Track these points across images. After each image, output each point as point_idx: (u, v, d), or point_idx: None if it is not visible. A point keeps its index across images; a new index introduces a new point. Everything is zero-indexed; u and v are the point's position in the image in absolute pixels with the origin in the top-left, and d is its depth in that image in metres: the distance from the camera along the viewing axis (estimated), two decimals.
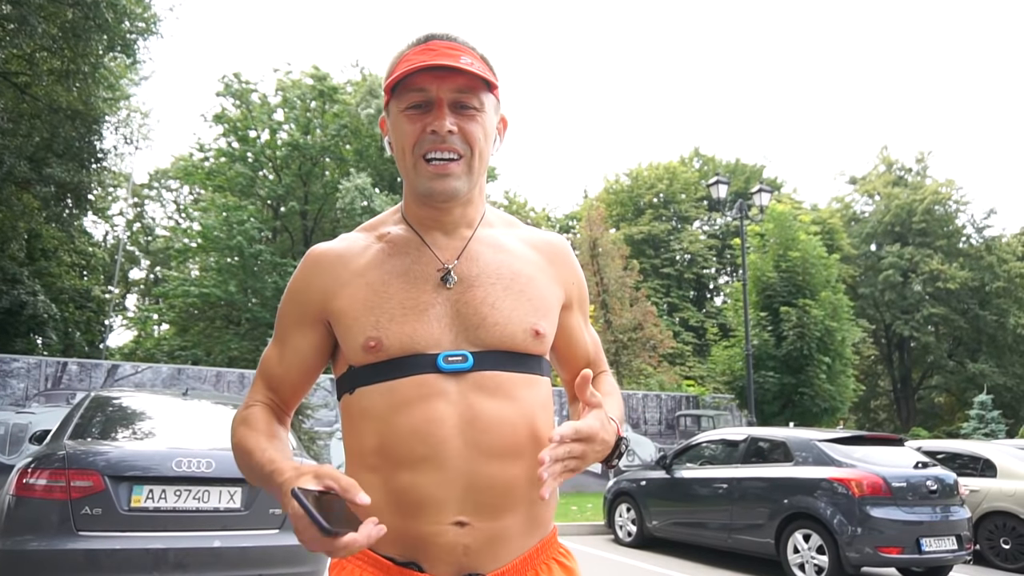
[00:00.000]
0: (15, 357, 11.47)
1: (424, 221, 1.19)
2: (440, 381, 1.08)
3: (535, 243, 1.26)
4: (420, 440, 1.06)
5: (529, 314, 1.15)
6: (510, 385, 1.11)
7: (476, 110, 1.13)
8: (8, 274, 20.34)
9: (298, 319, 1.20)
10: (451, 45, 1.12)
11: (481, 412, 1.08)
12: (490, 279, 1.15)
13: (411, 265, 1.15)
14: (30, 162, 15.67)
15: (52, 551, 3.58)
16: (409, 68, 1.08)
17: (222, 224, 23.37)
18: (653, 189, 34.33)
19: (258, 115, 26.21)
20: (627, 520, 8.76)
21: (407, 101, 1.12)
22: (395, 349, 1.09)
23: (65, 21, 14.13)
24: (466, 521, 1.06)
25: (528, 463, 1.08)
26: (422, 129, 1.11)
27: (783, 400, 14.41)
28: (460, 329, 1.11)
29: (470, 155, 1.13)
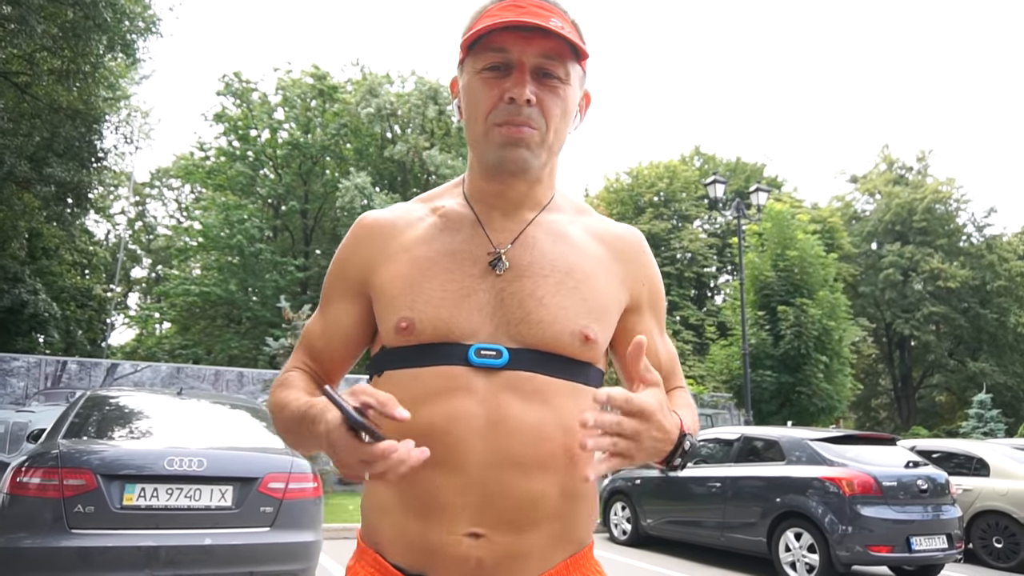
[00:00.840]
0: (15, 356, 11.54)
1: (485, 197, 1.09)
2: (469, 375, 0.98)
3: (604, 235, 1.13)
4: (438, 438, 0.95)
5: (581, 315, 1.03)
6: (548, 390, 0.99)
7: (560, 81, 1.02)
8: (9, 273, 20.41)
9: (341, 290, 1.13)
10: (541, 3, 1.01)
11: (510, 415, 0.97)
12: (543, 270, 1.04)
13: (461, 244, 1.06)
14: (31, 162, 15.73)
15: (45, 549, 3.63)
16: (492, 24, 0.97)
17: (223, 223, 23.46)
18: (653, 188, 34.34)
19: (258, 114, 26.29)
20: (622, 519, 8.80)
21: (485, 61, 1.01)
22: (427, 334, 1.00)
23: (65, 21, 14.19)
24: (481, 533, 0.96)
25: (558, 478, 0.98)
26: (499, 96, 1.00)
27: (781, 399, 14.44)
28: (501, 321, 1.01)
29: (545, 130, 1.02)
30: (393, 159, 24.61)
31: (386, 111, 24.48)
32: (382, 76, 27.21)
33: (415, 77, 25.76)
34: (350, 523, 8.73)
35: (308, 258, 26.69)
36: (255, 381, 12.54)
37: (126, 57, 17.02)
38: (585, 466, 0.94)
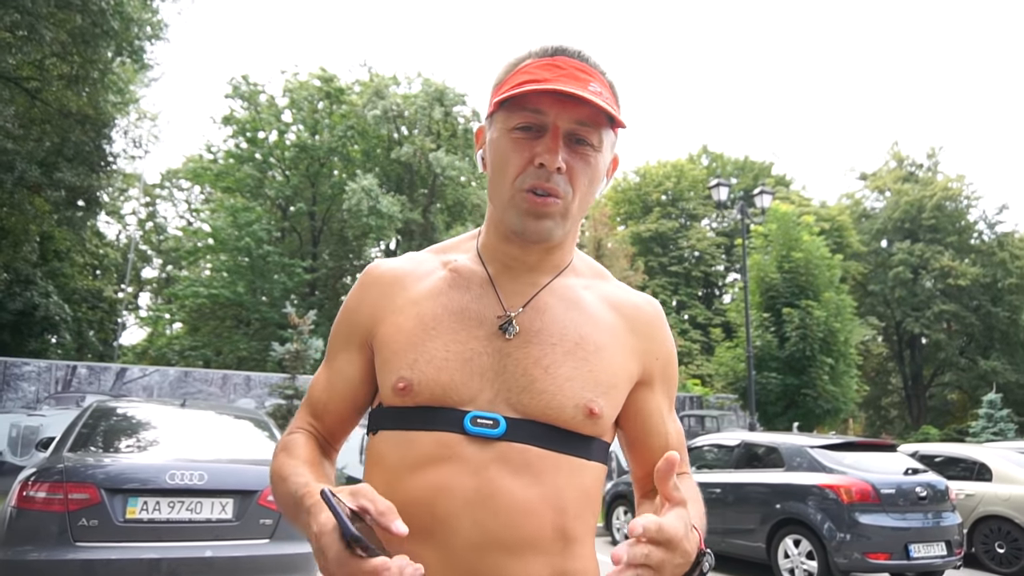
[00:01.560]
0: (26, 361, 11.71)
1: (500, 257, 1.06)
2: (463, 445, 0.94)
3: (620, 305, 1.09)
4: (426, 509, 0.92)
5: (587, 387, 0.99)
6: (543, 465, 0.95)
7: (593, 148, 0.99)
8: (21, 276, 20.67)
9: (346, 340, 1.09)
10: (582, 67, 0.98)
11: (500, 491, 0.93)
12: (552, 338, 1.00)
13: (469, 304, 1.02)
14: (41, 167, 15.91)
15: (50, 561, 3.73)
16: (532, 88, 0.93)
17: (231, 225, 23.63)
18: (661, 187, 34.31)
19: (266, 116, 26.44)
20: (624, 523, 8.85)
21: (518, 120, 0.97)
22: (424, 397, 0.97)
23: (74, 27, 14.34)
24: None
25: (547, 559, 0.94)
26: (529, 159, 0.97)
27: (786, 401, 14.44)
28: (502, 388, 0.97)
29: (571, 198, 0.99)
30: (400, 160, 24.69)
31: (392, 113, 24.58)
32: (388, 78, 27.31)
33: (421, 79, 25.85)
34: None
35: (316, 259, 26.84)
36: (262, 385, 12.66)
37: (134, 63, 17.19)
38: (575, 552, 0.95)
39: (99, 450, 4.43)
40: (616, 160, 1.10)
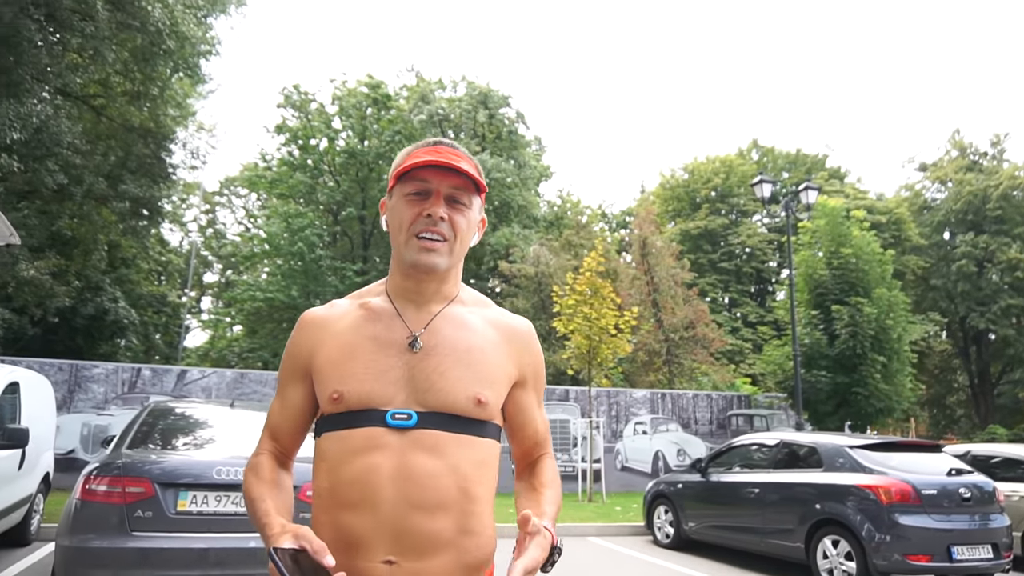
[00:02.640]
0: (95, 364, 12.42)
1: (403, 292, 1.36)
2: (385, 435, 1.22)
3: (498, 324, 1.40)
4: (359, 486, 1.21)
5: (474, 384, 1.28)
6: (446, 444, 1.23)
7: (464, 206, 1.32)
8: (92, 283, 21.79)
9: (291, 374, 1.39)
10: (454, 151, 1.33)
11: (415, 467, 1.21)
12: (444, 351, 1.29)
13: (382, 332, 1.31)
14: (107, 179, 16.79)
15: (110, 549, 4.05)
16: (420, 162, 1.28)
17: (284, 230, 24.37)
18: (709, 183, 33.82)
19: (317, 124, 27.17)
20: (665, 522, 8.89)
21: (412, 188, 1.30)
22: (353, 402, 1.25)
23: (135, 47, 15.12)
24: (394, 560, 1.19)
25: (454, 515, 1.22)
26: (419, 213, 1.28)
27: (837, 400, 14.15)
28: (411, 391, 1.26)
29: (453, 240, 1.31)
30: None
31: (438, 117, 24.95)
32: (434, 82, 27.72)
33: (465, 82, 26.14)
34: None
35: (366, 262, 27.44)
36: None
37: (190, 78, 17.96)
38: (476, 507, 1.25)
39: (154, 447, 4.77)
40: (484, 220, 1.44)
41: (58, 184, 14.94)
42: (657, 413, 15.17)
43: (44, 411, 7.35)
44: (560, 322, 13.03)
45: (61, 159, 15.00)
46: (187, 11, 14.34)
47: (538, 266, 19.80)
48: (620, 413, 15.01)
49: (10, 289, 16.39)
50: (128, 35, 14.60)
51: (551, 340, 17.43)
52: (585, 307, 12.68)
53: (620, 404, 15.08)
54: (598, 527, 9.71)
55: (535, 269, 19.79)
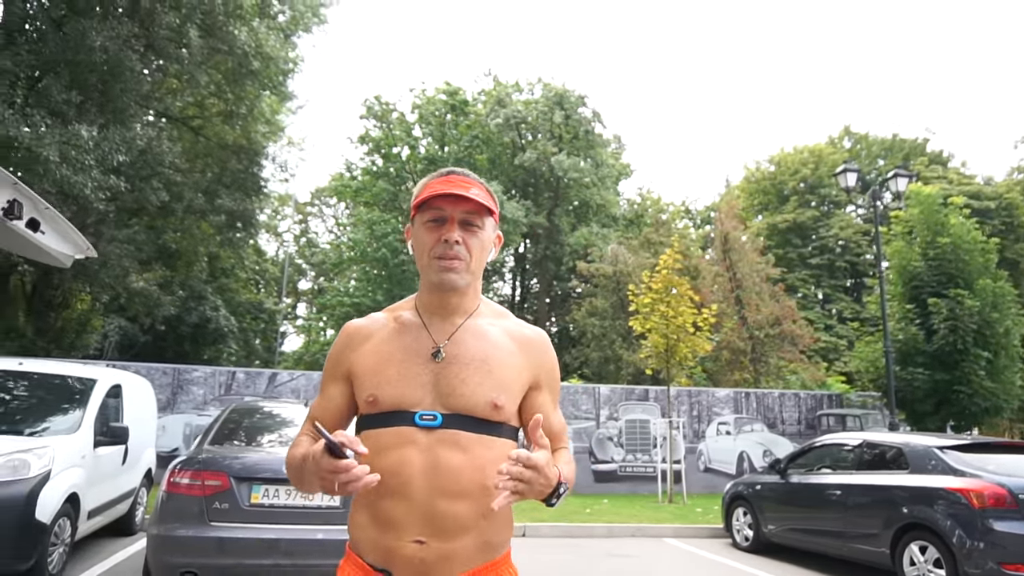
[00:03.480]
0: (195, 367, 13.29)
1: (429, 307, 1.54)
2: (415, 433, 1.41)
3: (515, 334, 1.57)
4: (394, 476, 1.38)
5: (492, 390, 1.44)
6: (468, 442, 1.41)
7: (478, 228, 1.49)
8: (195, 292, 23.28)
9: (333, 376, 1.57)
10: (465, 179, 1.50)
11: (441, 460, 1.39)
12: (465, 360, 1.47)
13: (411, 343, 1.50)
14: (205, 194, 17.90)
15: (192, 537, 4.37)
16: (434, 193, 1.47)
17: (368, 237, 25.20)
18: (797, 175, 32.47)
19: (398, 134, 27.96)
20: (743, 524, 8.65)
21: (429, 216, 1.49)
22: (386, 405, 1.44)
23: (226, 69, 16.08)
24: (424, 540, 1.37)
25: (475, 503, 1.39)
26: (437, 238, 1.47)
27: (936, 399, 13.29)
28: (437, 395, 1.44)
29: (469, 260, 1.49)
30: (524, 166, 25.20)
31: (514, 120, 25.14)
32: (511, 85, 27.96)
33: (541, 84, 26.24)
34: None
35: None
36: None
37: (277, 96, 18.90)
38: (493, 499, 1.33)
39: (232, 443, 5.10)
40: (500, 237, 1.62)
41: (161, 201, 16.06)
42: (741, 413, 14.75)
43: (145, 411, 7.94)
44: (636, 321, 12.89)
45: (164, 178, 16.12)
46: (270, 32, 15.10)
47: (616, 265, 19.62)
48: (702, 413, 14.68)
49: (122, 300, 17.75)
50: (220, 58, 15.55)
51: (630, 339, 17.25)
52: (662, 305, 12.50)
53: (702, 404, 14.76)
54: (675, 528, 9.55)
55: (613, 268, 19.63)
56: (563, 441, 1.63)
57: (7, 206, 2.37)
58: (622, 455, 14.02)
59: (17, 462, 5.13)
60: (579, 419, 14.07)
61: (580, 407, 14.19)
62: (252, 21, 14.46)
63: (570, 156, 24.39)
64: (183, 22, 13.15)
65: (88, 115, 12.04)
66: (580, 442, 13.88)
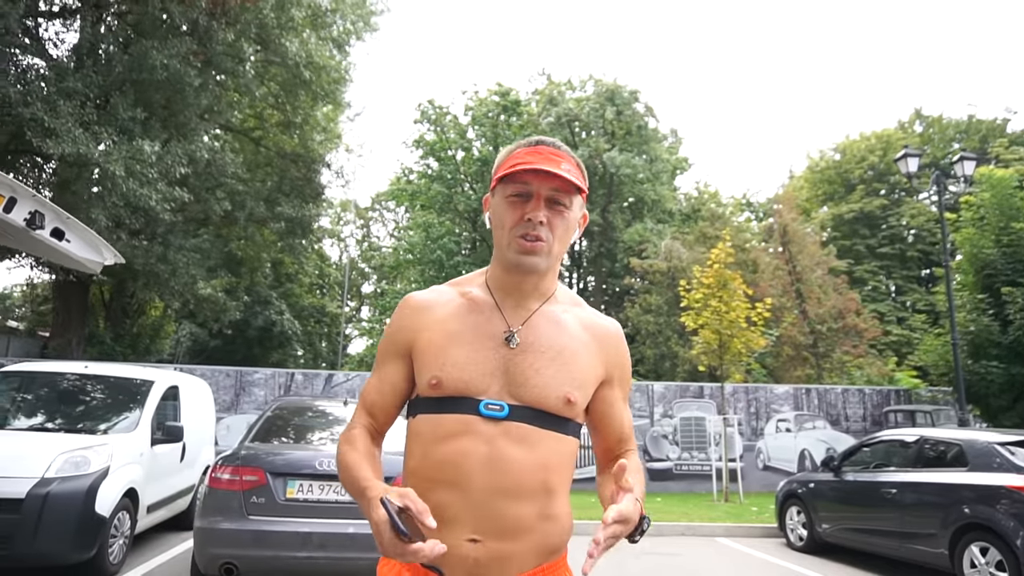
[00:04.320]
0: (255, 369, 13.79)
1: (504, 286, 1.41)
2: (478, 423, 1.29)
3: (590, 325, 1.45)
4: (452, 467, 1.28)
5: (565, 383, 1.34)
6: (535, 438, 1.30)
7: (565, 207, 1.36)
8: (261, 297, 24.18)
9: (392, 353, 1.43)
10: (555, 152, 1.35)
11: (504, 455, 1.28)
12: (541, 348, 1.35)
13: (483, 323, 1.37)
14: (265, 203, 18.57)
15: (232, 530, 4.56)
16: (521, 167, 1.32)
17: (424, 240, 25.59)
18: (864, 162, 31.19)
19: (453, 137, 28.28)
20: (797, 523, 8.40)
21: (513, 190, 1.35)
22: (450, 389, 1.32)
23: (283, 80, 16.66)
24: (479, 539, 1.26)
25: (536, 503, 1.30)
26: (521, 215, 1.33)
27: (1014, 393, 12.56)
28: (506, 384, 1.32)
29: (552, 241, 1.35)
30: None
31: (566, 118, 25.07)
32: (563, 83, 27.89)
33: (592, 81, 26.07)
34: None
35: None
36: None
37: (332, 105, 19.42)
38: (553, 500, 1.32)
39: (273, 441, 5.29)
40: (585, 216, 1.47)
41: (224, 210, 16.76)
42: (801, 409, 14.31)
43: (202, 411, 8.30)
44: (688, 317, 12.68)
45: (227, 188, 16.81)
46: (321, 43, 15.53)
47: (670, 261, 19.32)
48: (760, 410, 14.31)
49: (191, 306, 18.57)
50: (276, 70, 16.13)
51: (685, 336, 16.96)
52: (714, 300, 12.25)
53: (760, 400, 14.39)
54: (727, 527, 9.35)
55: (667, 264, 19.34)
56: (631, 443, 1.52)
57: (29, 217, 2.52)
58: (677, 453, 13.82)
59: (79, 459, 5.48)
60: (633, 417, 13.94)
61: (633, 404, 14.05)
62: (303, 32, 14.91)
63: (623, 152, 24.16)
64: (238, 37, 13.67)
65: (153, 131, 12.67)
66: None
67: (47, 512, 5.07)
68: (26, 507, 5.02)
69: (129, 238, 13.32)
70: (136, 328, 20.68)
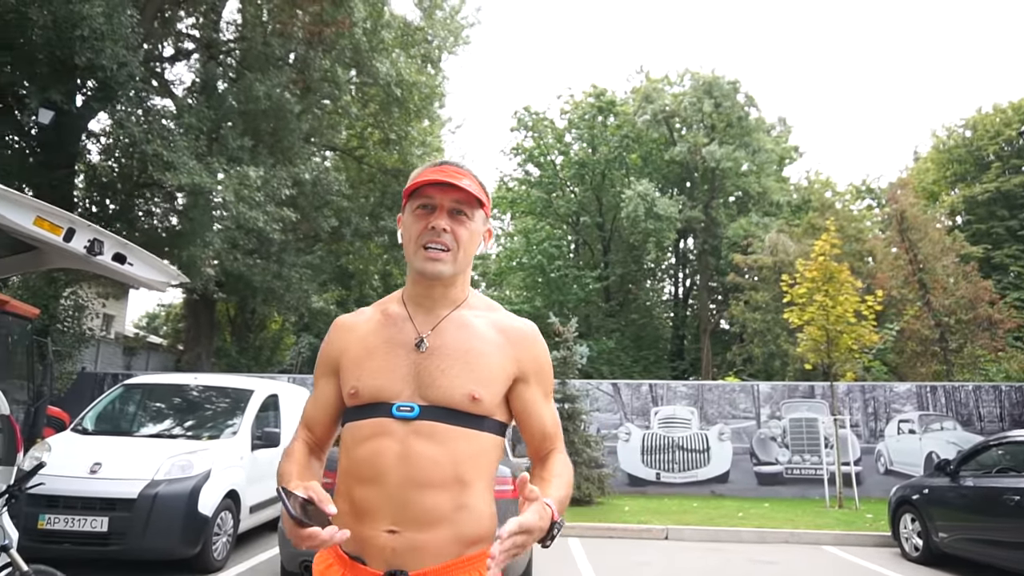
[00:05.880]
0: None
1: (415, 298, 1.53)
2: (391, 424, 1.40)
3: (504, 327, 1.53)
4: (368, 465, 1.39)
5: (469, 382, 1.42)
6: (444, 434, 1.39)
7: (467, 218, 1.47)
8: None
9: (323, 372, 1.57)
10: (458, 169, 1.48)
11: (414, 451, 1.38)
12: (448, 351, 1.45)
13: (396, 334, 1.49)
14: (370, 217, 19.43)
15: None
16: (425, 181, 1.46)
17: (525, 246, 25.84)
18: (999, 137, 28.44)
19: (551, 142, 28.45)
20: (912, 532, 7.79)
21: (419, 203, 1.47)
22: (367, 397, 1.44)
23: (380, 100, 17.41)
24: (396, 530, 1.36)
25: (449, 494, 1.38)
26: (425, 225, 1.45)
27: None
28: (416, 387, 1.43)
29: (456, 249, 1.46)
30: (676, 160, 24.54)
31: (662, 115, 24.56)
32: (660, 79, 27.37)
33: (689, 75, 25.39)
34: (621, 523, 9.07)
35: (607, 267, 27.92)
36: None
37: (429, 119, 20.05)
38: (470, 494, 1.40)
39: None
40: (490, 231, 1.60)
41: (331, 227, 17.68)
42: (927, 409, 13.22)
43: None
44: (792, 313, 12.07)
45: (333, 206, 17.74)
46: (410, 61, 16.10)
47: (776, 255, 18.43)
48: (879, 410, 13.37)
49: (306, 319, 19.72)
50: (375, 90, 16.87)
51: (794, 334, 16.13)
52: (819, 295, 11.60)
53: (878, 400, 13.44)
54: (836, 535, 8.81)
55: (773, 259, 18.46)
56: (557, 441, 1.58)
57: (89, 244, 2.81)
58: (787, 456, 13.16)
59: (184, 462, 5.98)
60: (737, 418, 13.42)
61: (738, 406, 13.52)
62: (392, 53, 15.51)
63: (723, 145, 23.34)
64: (333, 63, 14.43)
65: (260, 157, 13.60)
66: (740, 442, 13.24)
67: (156, 511, 5.58)
68: (138, 506, 5.55)
69: (244, 257, 14.32)
70: (259, 341, 22.19)
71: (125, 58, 10.62)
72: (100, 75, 10.76)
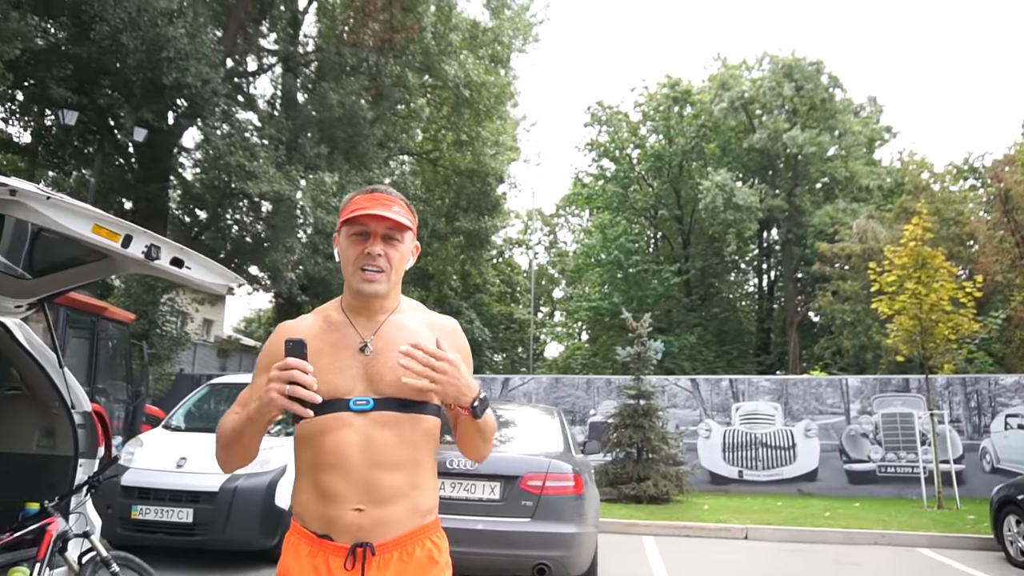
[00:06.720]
0: None
1: (354, 308, 1.72)
2: (350, 416, 1.57)
3: (433, 324, 1.76)
4: (332, 453, 1.56)
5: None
6: (397, 421, 1.58)
7: (398, 241, 1.67)
8: (451, 308, 25.69)
9: (264, 368, 1.67)
10: (388, 197, 1.65)
11: (374, 437, 1.56)
12: (390, 350, 1.61)
13: (339, 339, 1.66)
14: (445, 218, 19.76)
15: None
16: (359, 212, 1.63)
17: (602, 242, 25.59)
18: None
19: (626, 135, 28.04)
20: (1017, 535, 7.21)
21: (354, 230, 1.66)
22: (323, 393, 1.53)
23: (451, 103, 17.67)
24: (362, 508, 1.54)
25: (406, 474, 1.58)
26: (361, 251, 1.64)
27: None
28: (368, 383, 1.61)
29: (390, 270, 1.66)
30: (755, 148, 23.69)
31: (740, 101, 23.76)
32: (736, 65, 26.51)
33: (768, 58, 24.41)
34: (698, 522, 8.87)
35: (687, 261, 27.28)
36: (611, 387, 13.67)
37: (500, 119, 20.18)
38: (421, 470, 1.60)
39: None
40: (417, 247, 1.79)
41: None
42: None
43: None
44: (881, 302, 11.42)
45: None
46: (478, 62, 16.24)
47: (865, 242, 17.48)
48: (983, 404, 12.47)
49: None
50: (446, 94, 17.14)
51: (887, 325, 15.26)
52: (910, 282, 10.92)
53: (982, 393, 12.54)
54: (932, 537, 8.28)
55: (862, 246, 17.51)
56: None
57: (146, 250, 2.98)
58: (880, 454, 12.47)
59: (262, 458, 6.11)
60: (824, 414, 12.83)
61: (825, 401, 12.93)
62: (460, 54, 15.69)
63: (806, 130, 22.34)
64: (403, 68, 14.74)
65: (335, 163, 14.07)
66: (828, 439, 12.64)
67: (236, 504, 5.86)
68: (219, 499, 5.84)
69: (324, 261, 14.86)
70: None
71: (208, 75, 11.22)
72: (187, 93, 11.42)
